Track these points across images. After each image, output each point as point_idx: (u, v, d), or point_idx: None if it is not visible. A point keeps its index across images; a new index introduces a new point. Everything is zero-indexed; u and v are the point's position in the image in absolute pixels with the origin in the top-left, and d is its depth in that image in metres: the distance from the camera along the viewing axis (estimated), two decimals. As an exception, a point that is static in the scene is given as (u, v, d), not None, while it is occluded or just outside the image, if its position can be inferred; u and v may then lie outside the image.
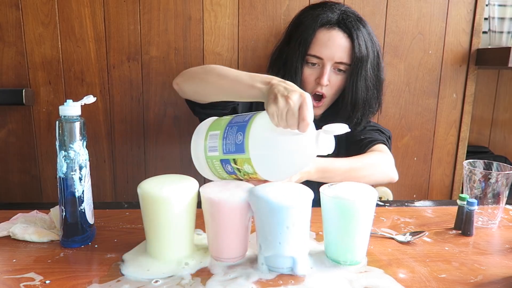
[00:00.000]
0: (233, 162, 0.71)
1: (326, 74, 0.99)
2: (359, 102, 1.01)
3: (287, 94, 0.67)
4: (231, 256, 0.67)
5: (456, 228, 0.83)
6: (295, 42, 1.01)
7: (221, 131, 0.73)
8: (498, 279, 0.64)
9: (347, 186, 0.68)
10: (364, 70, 0.99)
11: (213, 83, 0.87)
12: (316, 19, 0.99)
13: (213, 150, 0.74)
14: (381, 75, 1.05)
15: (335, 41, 0.98)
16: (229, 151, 0.71)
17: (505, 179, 0.81)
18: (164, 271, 0.63)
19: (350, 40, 0.99)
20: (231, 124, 0.73)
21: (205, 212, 0.67)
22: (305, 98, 0.66)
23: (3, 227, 0.76)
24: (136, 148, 1.30)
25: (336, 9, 1.01)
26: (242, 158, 0.69)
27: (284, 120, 0.67)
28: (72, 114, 0.69)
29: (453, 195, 1.41)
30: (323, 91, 1.01)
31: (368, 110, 1.05)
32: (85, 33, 1.21)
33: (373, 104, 1.05)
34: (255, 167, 0.69)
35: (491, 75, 1.69)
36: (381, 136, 1.07)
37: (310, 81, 1.02)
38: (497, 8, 1.35)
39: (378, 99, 1.06)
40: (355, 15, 1.02)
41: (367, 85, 1.01)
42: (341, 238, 0.67)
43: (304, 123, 0.65)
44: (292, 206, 0.61)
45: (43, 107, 1.25)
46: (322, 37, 0.99)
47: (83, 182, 0.71)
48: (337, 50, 0.98)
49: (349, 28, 0.98)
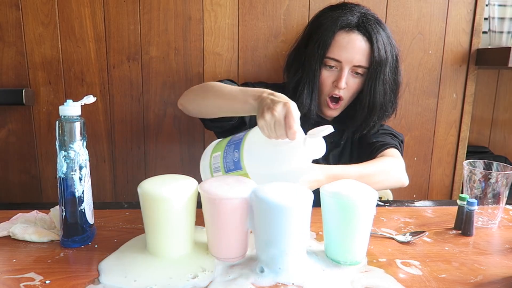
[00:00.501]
0: None
1: (344, 77, 0.98)
2: (377, 106, 1.01)
3: (272, 106, 0.69)
4: (231, 255, 0.67)
5: (456, 228, 0.83)
6: (314, 44, 1.00)
7: (222, 151, 0.78)
8: (498, 279, 0.64)
9: (347, 185, 0.68)
10: (382, 73, 0.99)
11: (212, 103, 0.90)
12: (336, 22, 0.98)
13: (217, 170, 0.78)
14: (399, 78, 1.05)
15: (355, 44, 0.97)
16: (229, 169, 0.75)
17: (505, 179, 0.81)
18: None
19: (370, 43, 0.98)
20: (229, 143, 0.77)
21: (204, 211, 0.67)
22: (289, 107, 0.68)
23: (3, 227, 0.76)
24: (136, 148, 1.30)
25: (356, 11, 1.00)
26: (241, 174, 0.72)
27: (273, 131, 0.69)
28: (72, 114, 0.69)
29: (453, 195, 1.41)
30: (341, 93, 1.01)
31: (384, 114, 1.05)
32: (85, 33, 1.21)
33: (389, 108, 1.04)
34: (254, 181, 0.71)
35: (491, 75, 1.69)
36: (394, 140, 1.07)
37: (328, 84, 1.02)
38: (497, 8, 1.35)
39: (394, 103, 1.06)
40: (375, 18, 1.01)
41: (385, 89, 1.01)
42: (341, 237, 0.67)
43: (291, 131, 0.66)
44: (291, 206, 0.61)
45: (43, 107, 1.25)
46: (341, 40, 0.98)
47: (83, 182, 0.71)
48: (356, 54, 0.97)
49: (369, 31, 0.97)
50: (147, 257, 0.67)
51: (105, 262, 0.66)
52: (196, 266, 0.65)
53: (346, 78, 0.99)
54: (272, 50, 1.24)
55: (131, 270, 0.64)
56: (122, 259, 0.67)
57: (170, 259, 0.67)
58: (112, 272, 0.63)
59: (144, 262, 0.66)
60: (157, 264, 0.65)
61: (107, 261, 0.67)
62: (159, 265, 0.65)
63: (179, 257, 0.67)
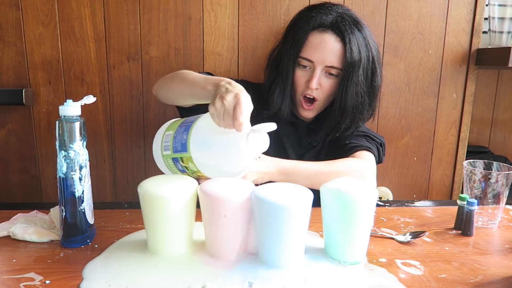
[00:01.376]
0: (181, 160, 0.75)
1: (315, 77, 0.98)
2: (348, 108, 0.99)
3: (224, 95, 0.69)
4: (230, 255, 0.67)
5: (456, 228, 0.83)
6: (288, 44, 1.01)
7: (174, 131, 0.78)
8: (498, 279, 0.64)
9: (348, 183, 0.68)
10: (355, 75, 0.97)
11: (176, 88, 0.92)
12: (310, 21, 0.98)
13: (166, 149, 0.79)
14: (376, 81, 1.01)
15: (327, 45, 0.96)
16: (177, 150, 0.76)
17: (505, 179, 0.81)
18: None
19: (343, 44, 0.96)
20: (182, 124, 0.78)
21: (203, 212, 0.67)
22: (239, 98, 0.68)
23: (3, 227, 0.76)
24: (136, 148, 1.30)
25: (332, 11, 0.99)
26: (186, 157, 0.73)
27: (222, 119, 0.69)
28: (72, 114, 0.69)
29: (453, 195, 1.41)
30: (314, 94, 1.00)
31: (358, 117, 1.02)
32: (85, 33, 1.21)
33: (364, 111, 1.02)
34: (196, 165, 0.72)
35: (491, 75, 1.69)
36: (369, 143, 1.04)
37: (301, 84, 1.01)
38: (497, 8, 1.35)
39: (371, 106, 1.04)
40: (352, 18, 0.99)
41: (357, 91, 0.98)
42: (341, 236, 0.67)
43: (237, 122, 0.66)
44: (291, 206, 0.61)
45: (43, 107, 1.25)
46: (314, 40, 0.98)
47: (83, 182, 0.71)
48: (329, 54, 0.96)
49: (342, 31, 0.96)
50: (146, 256, 0.67)
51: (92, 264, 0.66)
52: (195, 265, 0.65)
53: (319, 78, 0.98)
54: (270, 50, 1.24)
55: (125, 271, 0.64)
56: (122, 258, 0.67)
57: (170, 258, 0.67)
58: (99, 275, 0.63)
59: (143, 261, 0.66)
60: (157, 263, 0.65)
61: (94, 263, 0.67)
62: (159, 264, 0.65)
63: (179, 256, 0.67)
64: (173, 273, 0.63)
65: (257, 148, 0.70)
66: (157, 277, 0.62)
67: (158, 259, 0.67)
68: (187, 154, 0.73)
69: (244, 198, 0.64)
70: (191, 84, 0.85)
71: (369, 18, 1.26)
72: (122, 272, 0.63)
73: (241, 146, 0.69)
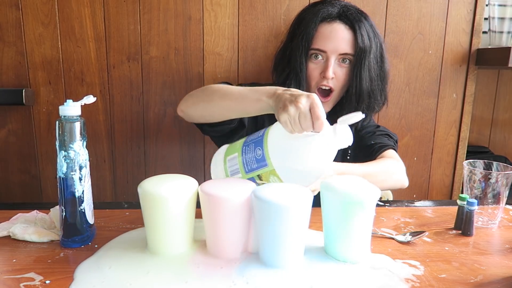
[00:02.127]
0: (258, 178, 0.73)
1: (330, 66, 0.99)
2: (364, 93, 1.01)
3: (294, 99, 0.69)
4: (231, 254, 0.67)
5: (456, 228, 0.83)
6: (298, 38, 1.02)
7: (239, 152, 0.75)
8: (498, 279, 0.64)
9: (348, 182, 0.68)
10: (367, 60, 0.99)
11: (219, 105, 0.88)
12: (317, 14, 1.00)
13: (235, 173, 0.76)
14: (385, 66, 1.05)
15: (337, 33, 0.99)
16: (251, 169, 0.73)
17: (505, 179, 0.81)
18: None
19: (352, 31, 0.99)
20: (247, 143, 0.75)
21: (204, 211, 0.67)
22: (313, 98, 0.68)
23: (3, 227, 0.76)
24: (136, 148, 1.30)
25: (336, 4, 1.02)
26: (267, 172, 0.71)
27: (298, 125, 0.68)
28: (72, 114, 0.69)
29: (453, 195, 1.41)
30: (330, 84, 1.01)
31: (374, 102, 1.04)
32: (85, 33, 1.21)
33: (378, 96, 1.04)
34: (280, 176, 0.70)
35: (491, 75, 1.69)
36: (390, 141, 1.07)
37: (315, 76, 1.02)
38: (497, 8, 1.35)
39: (383, 90, 1.06)
40: (356, 8, 1.03)
41: (371, 76, 1.01)
42: (342, 236, 0.67)
43: (318, 122, 0.67)
44: (291, 206, 0.61)
45: (43, 107, 1.25)
46: (324, 30, 0.99)
47: (83, 182, 0.71)
48: (340, 42, 0.98)
49: (351, 19, 0.99)
50: (146, 256, 0.68)
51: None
52: (195, 264, 0.65)
53: (333, 67, 1.00)
54: (272, 50, 1.24)
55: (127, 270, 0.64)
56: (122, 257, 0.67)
57: (170, 258, 0.67)
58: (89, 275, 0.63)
59: (143, 260, 0.66)
60: (157, 263, 0.65)
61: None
62: (159, 263, 0.65)
63: (179, 255, 0.67)
64: (173, 272, 0.63)
65: (346, 142, 0.69)
66: (157, 277, 0.62)
67: (158, 259, 0.67)
68: (268, 168, 0.71)
69: (244, 198, 0.64)
70: (238, 99, 0.84)
71: (369, 18, 1.27)
72: (115, 273, 0.63)
73: (330, 144, 0.69)
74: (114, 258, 0.67)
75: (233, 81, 1.27)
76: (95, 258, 0.68)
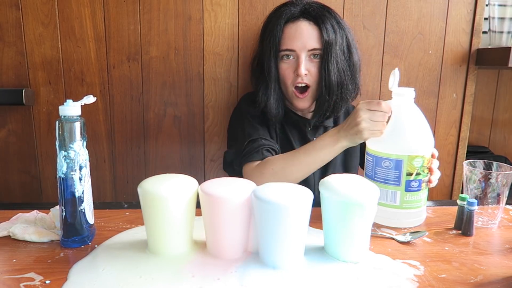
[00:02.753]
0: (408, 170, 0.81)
1: (302, 63, 1.02)
2: (333, 85, 1.03)
3: (355, 119, 0.84)
4: (231, 255, 0.67)
5: (456, 228, 0.83)
6: (266, 42, 1.05)
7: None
8: (498, 279, 0.64)
9: (348, 182, 0.68)
10: (334, 53, 1.02)
11: (297, 173, 0.94)
12: (281, 16, 1.04)
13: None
14: (354, 57, 1.06)
15: (303, 31, 1.02)
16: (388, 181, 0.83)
17: (505, 179, 0.81)
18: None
19: (317, 26, 1.02)
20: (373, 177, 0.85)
21: (203, 211, 0.67)
22: (359, 105, 0.85)
23: (3, 227, 0.76)
24: (136, 148, 1.30)
25: (299, 3, 1.05)
26: (407, 160, 0.81)
27: (378, 124, 0.82)
28: (72, 114, 0.69)
29: (453, 195, 1.41)
30: (305, 81, 1.03)
31: (346, 93, 1.05)
32: (85, 33, 1.21)
33: (349, 86, 1.06)
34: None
35: (491, 75, 1.69)
36: None
37: (289, 75, 1.05)
38: (497, 8, 1.35)
39: (354, 81, 1.07)
40: (319, 4, 1.06)
41: (339, 68, 1.03)
42: (342, 236, 0.67)
43: (384, 107, 0.82)
44: (291, 206, 0.61)
45: (43, 107, 1.25)
46: (289, 30, 1.03)
47: (83, 182, 0.71)
48: (307, 39, 1.01)
49: (314, 16, 1.02)
50: (142, 255, 0.68)
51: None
52: (195, 264, 0.65)
53: (305, 64, 1.02)
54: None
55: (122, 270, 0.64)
56: (121, 257, 0.67)
57: (169, 257, 0.67)
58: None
59: (141, 261, 0.66)
60: (157, 262, 0.65)
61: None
62: (159, 263, 0.65)
63: (179, 255, 0.67)
64: (172, 272, 0.63)
65: (408, 89, 0.84)
66: (156, 277, 0.62)
67: (158, 259, 0.67)
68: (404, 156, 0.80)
69: (244, 198, 0.64)
70: (316, 156, 0.92)
71: (369, 18, 1.27)
72: (110, 274, 0.63)
73: (404, 103, 0.84)
74: (109, 258, 0.67)
75: (233, 81, 1.27)
76: (90, 258, 0.68)
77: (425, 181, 0.82)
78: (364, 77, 1.30)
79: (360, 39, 1.28)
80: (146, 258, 0.67)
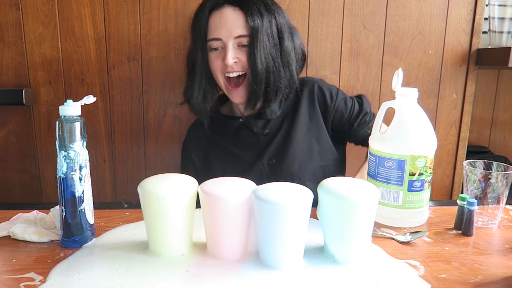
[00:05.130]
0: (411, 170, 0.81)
1: (229, 51, 0.97)
2: (260, 73, 0.97)
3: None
4: (231, 255, 0.67)
5: (456, 228, 0.83)
6: (194, 35, 1.01)
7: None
8: (498, 279, 0.64)
9: (348, 182, 0.68)
10: (260, 39, 0.96)
11: None
12: (206, 5, 0.99)
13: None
14: (285, 43, 1.00)
15: (227, 18, 0.97)
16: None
17: (505, 179, 0.80)
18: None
19: (242, 12, 0.97)
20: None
21: (204, 211, 0.67)
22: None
23: (3, 227, 0.76)
24: (136, 148, 1.30)
25: None
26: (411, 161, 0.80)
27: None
28: (72, 114, 0.69)
29: (453, 195, 1.41)
30: (235, 68, 0.99)
31: (278, 82, 1.00)
32: (85, 33, 1.21)
33: (281, 74, 1.00)
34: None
35: (491, 75, 1.69)
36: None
37: (218, 65, 1.00)
38: (497, 8, 1.35)
39: (288, 68, 1.01)
40: None
41: (266, 55, 0.97)
42: (341, 237, 0.66)
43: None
44: (291, 206, 0.61)
45: (43, 107, 1.25)
46: (214, 18, 0.98)
47: (83, 182, 0.71)
48: (232, 26, 0.96)
49: (238, 0, 0.97)
50: (147, 256, 0.68)
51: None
52: (195, 264, 0.65)
53: (233, 52, 0.97)
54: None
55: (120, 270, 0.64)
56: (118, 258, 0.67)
57: (169, 257, 0.67)
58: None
59: (143, 261, 0.66)
60: (157, 262, 0.65)
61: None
62: (159, 263, 0.65)
63: (179, 255, 0.67)
64: (172, 272, 0.63)
65: (410, 89, 0.87)
66: (155, 277, 0.62)
67: (158, 259, 0.67)
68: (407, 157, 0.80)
69: (244, 198, 0.64)
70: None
71: (369, 18, 1.27)
72: (106, 274, 0.63)
73: (406, 103, 0.86)
74: (105, 257, 0.67)
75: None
76: (70, 260, 0.67)
77: (427, 181, 0.82)
78: (364, 77, 1.31)
79: (360, 39, 1.28)
80: (146, 258, 0.67)
